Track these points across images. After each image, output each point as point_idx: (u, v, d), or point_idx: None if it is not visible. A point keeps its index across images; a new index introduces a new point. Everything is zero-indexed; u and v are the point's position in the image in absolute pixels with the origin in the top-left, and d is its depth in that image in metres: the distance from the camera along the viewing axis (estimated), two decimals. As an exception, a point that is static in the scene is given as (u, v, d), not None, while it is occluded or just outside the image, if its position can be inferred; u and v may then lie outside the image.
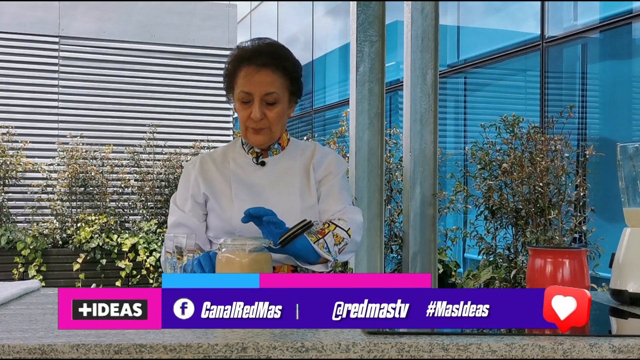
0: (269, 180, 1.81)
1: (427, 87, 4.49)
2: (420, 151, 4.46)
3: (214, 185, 1.82)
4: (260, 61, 1.74)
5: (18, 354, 1.10)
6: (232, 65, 1.78)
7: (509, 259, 4.21)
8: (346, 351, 1.12)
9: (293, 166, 1.84)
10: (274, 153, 1.85)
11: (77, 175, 7.47)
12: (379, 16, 4.43)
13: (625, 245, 1.61)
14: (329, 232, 1.73)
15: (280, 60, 1.76)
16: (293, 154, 1.86)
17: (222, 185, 1.81)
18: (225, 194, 1.80)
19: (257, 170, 1.83)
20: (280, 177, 1.82)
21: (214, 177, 1.83)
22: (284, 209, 1.73)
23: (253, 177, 1.82)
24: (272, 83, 1.74)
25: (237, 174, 1.82)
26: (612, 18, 5.29)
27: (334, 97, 10.29)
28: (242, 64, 1.76)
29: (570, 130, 4.42)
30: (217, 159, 1.87)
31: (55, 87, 8.05)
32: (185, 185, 1.85)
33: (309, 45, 11.00)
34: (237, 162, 1.85)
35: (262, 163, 1.83)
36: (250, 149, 1.85)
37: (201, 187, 1.82)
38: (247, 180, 1.81)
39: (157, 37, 8.40)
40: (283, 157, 1.85)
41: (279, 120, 1.78)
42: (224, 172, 1.83)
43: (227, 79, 1.81)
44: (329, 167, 1.85)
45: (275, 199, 1.78)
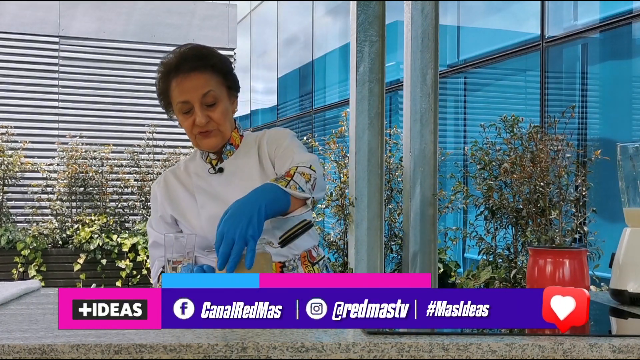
0: (231, 185, 1.77)
1: (427, 87, 4.49)
2: (420, 151, 4.46)
3: (180, 204, 1.80)
4: (187, 67, 1.70)
5: (18, 354, 1.10)
6: (162, 82, 1.74)
7: (509, 259, 4.21)
8: (346, 351, 1.13)
9: (249, 162, 1.79)
10: (229, 155, 1.80)
11: (76, 175, 7.48)
12: (379, 16, 4.43)
13: (625, 245, 1.61)
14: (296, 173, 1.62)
15: (205, 60, 1.72)
16: (247, 149, 1.81)
17: (188, 201, 1.79)
18: (191, 209, 1.78)
19: (217, 177, 1.79)
20: (241, 179, 1.78)
21: (178, 196, 1.81)
22: None
23: (215, 185, 1.79)
24: (205, 84, 1.70)
25: (200, 186, 1.80)
26: (612, 18, 5.29)
27: (334, 97, 10.29)
28: (171, 76, 1.72)
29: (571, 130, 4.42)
30: (181, 175, 1.84)
31: (55, 87, 8.06)
32: (154, 207, 1.85)
33: (309, 45, 11.01)
34: (199, 174, 1.82)
35: (220, 170, 1.80)
36: (207, 157, 1.82)
37: (167, 209, 1.81)
38: (210, 190, 1.79)
39: (157, 37, 8.40)
40: (238, 156, 1.80)
41: (224, 118, 1.74)
42: (188, 187, 1.81)
43: (162, 97, 1.77)
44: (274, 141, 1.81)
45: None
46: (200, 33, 8.57)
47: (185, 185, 1.82)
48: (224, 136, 1.77)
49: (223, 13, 8.75)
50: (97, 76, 8.19)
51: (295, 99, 11.93)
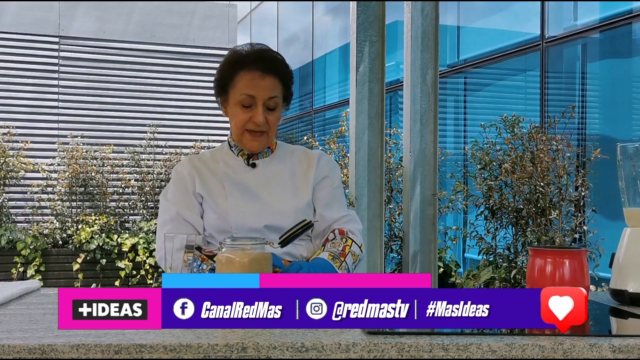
0: (261, 181, 1.84)
1: (427, 87, 4.49)
2: (420, 151, 4.46)
3: (208, 184, 1.83)
4: (264, 66, 1.77)
5: (18, 354, 1.10)
6: (230, 69, 1.79)
7: (509, 259, 4.21)
8: (346, 351, 1.13)
9: (283, 169, 1.87)
10: (264, 156, 1.87)
11: (77, 175, 7.47)
12: (379, 16, 4.43)
13: (625, 245, 1.61)
14: (349, 253, 1.79)
15: (280, 66, 1.80)
16: (282, 158, 1.89)
17: (215, 184, 1.83)
18: (219, 193, 1.81)
19: (248, 171, 1.85)
20: (271, 178, 1.85)
21: (206, 176, 1.84)
22: (277, 209, 1.79)
23: (245, 178, 1.84)
24: (273, 88, 1.78)
25: (229, 175, 1.84)
26: (612, 18, 5.29)
27: (334, 97, 10.29)
28: (243, 69, 1.77)
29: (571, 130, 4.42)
30: (207, 161, 1.88)
31: (55, 87, 8.06)
32: (181, 184, 1.85)
33: (309, 45, 11.01)
34: (228, 164, 1.86)
35: (252, 165, 1.86)
36: (240, 151, 1.87)
37: (197, 186, 1.83)
38: (239, 181, 1.83)
39: (157, 37, 8.40)
40: (273, 161, 1.88)
41: (276, 124, 1.83)
42: (216, 172, 1.85)
43: (222, 82, 1.81)
44: (325, 170, 1.89)
45: (269, 199, 1.81)
46: (200, 33, 8.57)
47: (213, 170, 1.85)
48: (268, 141, 1.84)
49: (223, 13, 8.75)
50: (97, 76, 8.19)
51: (295, 99, 11.88)
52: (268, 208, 1.78)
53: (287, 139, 11.33)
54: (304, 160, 1.90)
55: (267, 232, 1.78)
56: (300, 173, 1.88)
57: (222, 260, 1.43)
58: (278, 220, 1.78)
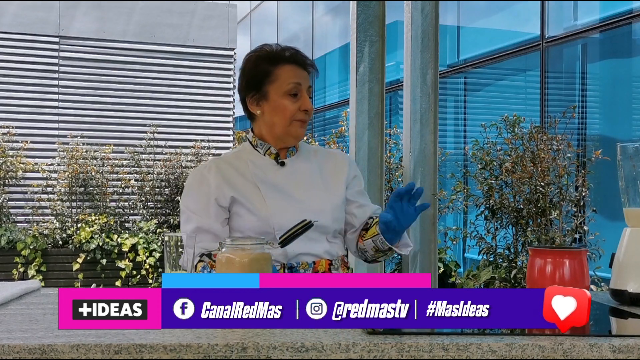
0: (292, 180, 1.83)
1: (427, 87, 4.49)
2: (420, 151, 4.46)
3: (240, 188, 1.79)
4: (300, 61, 1.83)
5: (18, 354, 1.10)
6: (266, 64, 1.81)
7: (509, 259, 4.21)
8: (346, 351, 1.13)
9: (311, 167, 1.87)
10: (291, 155, 1.87)
11: (77, 175, 7.47)
12: (379, 16, 4.43)
13: (625, 245, 1.61)
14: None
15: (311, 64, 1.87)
16: (306, 156, 1.90)
17: (248, 186, 1.80)
18: (255, 195, 1.78)
19: (277, 170, 1.84)
20: (302, 177, 1.85)
21: (236, 180, 1.80)
22: (315, 207, 1.79)
23: (276, 177, 1.83)
24: (309, 81, 1.85)
25: (260, 176, 1.81)
26: (612, 18, 5.29)
27: (334, 97, 10.30)
28: (281, 62, 1.81)
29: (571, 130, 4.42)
30: (234, 163, 1.85)
31: (55, 87, 8.06)
32: (204, 190, 1.80)
33: (309, 45, 11.01)
34: (256, 164, 1.84)
35: (282, 163, 1.85)
36: (267, 150, 1.85)
37: (226, 191, 1.78)
38: (271, 181, 1.81)
39: (157, 37, 8.40)
40: (299, 159, 1.88)
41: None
42: (246, 174, 1.82)
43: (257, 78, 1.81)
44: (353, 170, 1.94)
45: (304, 197, 1.81)
46: (200, 33, 8.57)
47: (242, 172, 1.82)
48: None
49: (223, 13, 8.74)
50: (97, 76, 8.18)
51: (295, 99, 11.91)
52: (306, 207, 1.78)
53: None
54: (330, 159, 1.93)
55: (308, 231, 1.78)
56: (329, 171, 1.89)
57: (222, 260, 1.43)
58: (318, 218, 1.78)
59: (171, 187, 7.85)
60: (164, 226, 7.67)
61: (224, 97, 8.72)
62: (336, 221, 1.83)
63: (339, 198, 1.86)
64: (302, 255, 1.78)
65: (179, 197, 7.78)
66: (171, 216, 7.77)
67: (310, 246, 1.78)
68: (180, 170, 7.89)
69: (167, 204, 7.85)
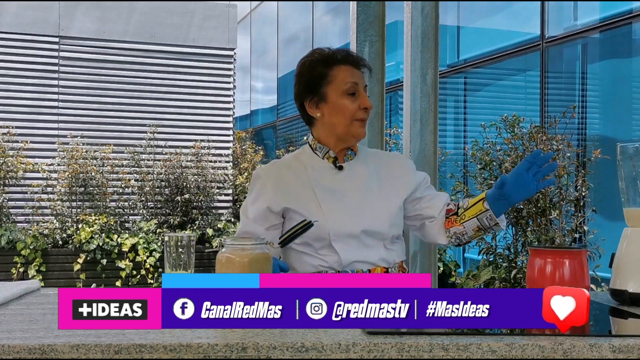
0: (350, 184, 1.83)
1: (427, 87, 4.48)
2: (420, 151, 4.46)
3: (295, 194, 1.80)
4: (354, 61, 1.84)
5: (18, 354, 1.10)
6: (321, 67, 1.82)
7: (509, 259, 4.21)
8: (346, 351, 1.13)
9: (368, 172, 1.86)
10: (349, 158, 1.87)
11: (77, 175, 7.47)
12: (379, 16, 4.43)
13: (625, 245, 1.61)
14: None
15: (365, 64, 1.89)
16: (364, 160, 1.89)
17: (304, 192, 1.81)
18: (311, 200, 1.79)
19: (336, 174, 1.84)
20: (360, 181, 1.84)
21: (292, 186, 1.82)
22: (371, 213, 1.79)
23: (333, 181, 1.83)
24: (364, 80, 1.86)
25: (318, 181, 1.82)
26: (612, 18, 5.29)
27: (334, 97, 10.27)
28: (336, 64, 1.82)
29: (571, 130, 4.42)
30: (293, 167, 1.86)
31: (55, 87, 8.06)
32: (260, 195, 1.82)
33: (309, 45, 11.01)
34: (315, 168, 1.84)
35: (340, 167, 1.84)
36: (326, 153, 1.85)
37: (280, 198, 1.79)
38: (328, 186, 1.82)
39: (157, 37, 8.40)
40: (357, 162, 1.87)
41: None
42: (302, 179, 1.83)
43: (314, 81, 1.82)
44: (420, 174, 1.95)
45: (361, 202, 1.80)
46: (200, 33, 8.57)
47: (300, 177, 1.83)
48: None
49: (223, 13, 8.74)
50: (97, 76, 8.18)
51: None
52: (362, 212, 1.78)
53: (287, 139, 11.34)
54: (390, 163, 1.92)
55: (364, 237, 1.77)
56: (388, 175, 1.88)
57: (222, 260, 1.43)
58: (374, 224, 1.78)
59: (171, 187, 7.85)
60: (164, 226, 7.67)
61: (224, 97, 8.71)
62: (393, 227, 1.82)
63: (396, 204, 1.85)
64: (357, 262, 1.77)
65: (179, 197, 7.78)
66: (171, 216, 7.77)
67: (365, 253, 1.78)
68: (180, 170, 7.89)
69: (167, 204, 7.85)
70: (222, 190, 8.32)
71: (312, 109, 1.84)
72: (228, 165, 8.54)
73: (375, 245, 1.79)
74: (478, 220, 1.79)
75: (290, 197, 1.80)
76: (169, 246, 1.54)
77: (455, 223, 1.85)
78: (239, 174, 8.69)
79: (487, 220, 1.78)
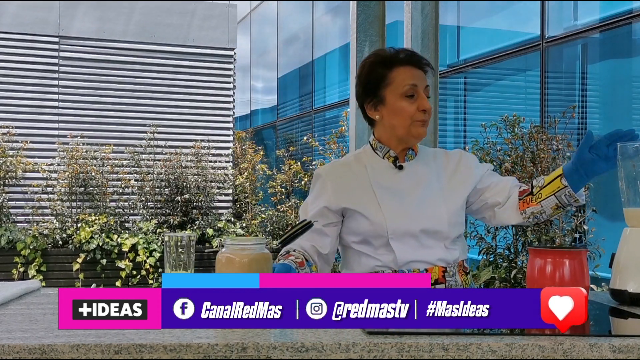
0: (410, 184, 1.82)
1: (427, 87, 4.48)
2: (420, 151, 4.46)
3: (354, 194, 1.81)
4: (415, 61, 1.81)
5: (18, 354, 1.10)
6: (381, 68, 1.81)
7: (509, 259, 4.21)
8: (346, 351, 1.13)
9: (429, 172, 1.85)
10: (410, 158, 1.86)
11: (77, 175, 7.48)
12: (379, 16, 4.43)
13: (625, 245, 1.61)
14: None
15: (427, 63, 1.84)
16: (425, 160, 1.88)
17: (363, 191, 1.81)
18: (370, 200, 1.79)
19: (396, 174, 1.83)
20: (420, 180, 1.83)
21: (352, 186, 1.82)
22: (431, 212, 1.78)
23: (393, 181, 1.82)
24: (426, 79, 1.82)
25: (377, 180, 1.82)
26: (612, 18, 5.29)
27: (334, 97, 10.29)
28: (396, 65, 1.80)
29: (571, 130, 4.43)
30: (354, 167, 1.86)
31: (55, 87, 8.06)
32: (320, 194, 1.84)
33: (309, 45, 11.01)
34: (375, 168, 1.84)
35: (400, 167, 1.84)
36: (386, 153, 1.85)
37: (340, 199, 1.80)
38: (388, 186, 1.81)
39: (157, 37, 8.40)
40: (418, 163, 1.86)
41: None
42: (362, 178, 1.83)
43: (373, 83, 1.81)
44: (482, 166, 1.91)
45: (420, 202, 1.79)
46: (200, 33, 8.57)
47: (360, 178, 1.83)
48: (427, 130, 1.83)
49: (223, 13, 8.75)
50: (97, 76, 8.19)
51: (295, 99, 11.93)
52: (421, 211, 1.77)
53: (287, 139, 11.34)
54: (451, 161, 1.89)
55: (423, 237, 1.77)
56: (449, 175, 1.87)
57: (222, 260, 1.43)
58: (433, 224, 1.77)
59: (171, 187, 7.85)
60: (164, 226, 7.67)
61: (224, 97, 8.72)
62: (453, 226, 1.80)
63: (457, 203, 1.83)
64: (413, 262, 1.76)
65: (179, 197, 7.78)
66: (171, 216, 7.77)
67: (423, 253, 1.77)
68: (180, 170, 7.89)
69: (167, 204, 7.85)
70: (222, 190, 8.32)
71: (372, 111, 1.84)
72: (228, 165, 8.54)
73: (434, 246, 1.78)
74: (556, 197, 1.75)
75: (349, 197, 1.80)
76: (169, 246, 1.54)
77: (531, 203, 1.79)
78: (239, 174, 8.69)
79: (565, 197, 1.74)
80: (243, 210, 8.66)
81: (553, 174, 1.77)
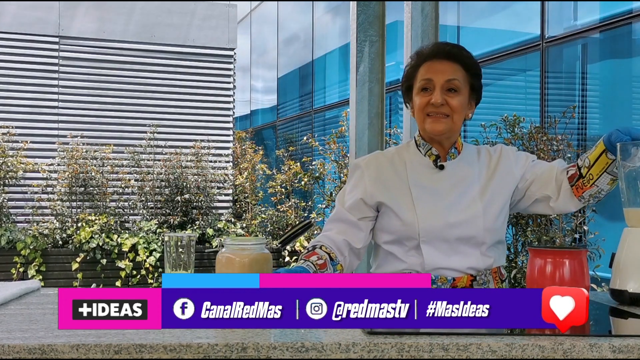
0: (448, 185, 1.77)
1: (427, 87, 4.48)
2: (420, 151, 4.46)
3: (391, 190, 1.77)
4: (441, 54, 1.76)
5: (18, 354, 1.10)
6: (413, 67, 1.80)
7: (509, 259, 4.21)
8: (346, 351, 1.12)
9: (472, 172, 1.79)
10: (452, 157, 1.80)
11: (77, 175, 7.48)
12: (379, 16, 4.43)
13: (625, 245, 1.61)
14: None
15: (460, 53, 1.77)
16: (469, 159, 1.82)
17: (400, 188, 1.77)
18: (405, 198, 1.75)
19: (435, 173, 1.78)
20: (460, 182, 1.77)
21: (390, 181, 1.79)
22: (464, 215, 1.72)
23: (432, 180, 1.78)
24: (453, 72, 1.74)
25: (415, 178, 1.78)
26: (612, 18, 5.29)
27: (334, 97, 10.29)
28: (424, 62, 1.77)
29: (571, 130, 4.42)
30: (395, 162, 1.82)
31: (55, 87, 8.06)
32: (357, 185, 1.81)
33: (309, 45, 11.01)
34: (414, 165, 1.80)
35: (440, 167, 1.79)
36: (428, 151, 1.80)
37: (376, 192, 1.77)
38: (426, 184, 1.77)
39: (157, 37, 8.40)
40: (460, 162, 1.80)
41: (461, 109, 1.74)
42: (401, 175, 1.79)
43: (407, 82, 1.81)
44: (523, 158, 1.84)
45: (456, 204, 1.74)
46: (200, 33, 8.57)
47: (399, 174, 1.80)
48: (453, 127, 1.75)
49: (223, 13, 8.75)
50: (97, 76, 8.19)
51: (295, 99, 11.93)
52: (456, 214, 1.72)
53: (287, 139, 11.34)
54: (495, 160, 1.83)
55: (457, 243, 1.72)
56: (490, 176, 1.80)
57: (222, 260, 1.43)
58: (469, 229, 1.72)
59: (171, 187, 7.85)
60: (164, 226, 7.67)
61: (224, 97, 8.71)
62: (489, 232, 1.73)
63: (498, 207, 1.76)
64: (441, 269, 1.72)
65: (179, 197, 7.78)
66: (171, 216, 7.77)
67: (453, 259, 1.72)
68: (180, 170, 7.89)
69: (167, 204, 7.85)
70: (222, 190, 8.32)
71: (409, 110, 1.84)
72: (228, 165, 8.55)
73: (468, 253, 1.73)
74: (608, 173, 1.68)
75: (385, 191, 1.77)
76: (169, 246, 1.54)
77: (585, 187, 1.72)
78: (238, 174, 8.69)
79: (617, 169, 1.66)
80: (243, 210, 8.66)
81: (596, 151, 1.69)
